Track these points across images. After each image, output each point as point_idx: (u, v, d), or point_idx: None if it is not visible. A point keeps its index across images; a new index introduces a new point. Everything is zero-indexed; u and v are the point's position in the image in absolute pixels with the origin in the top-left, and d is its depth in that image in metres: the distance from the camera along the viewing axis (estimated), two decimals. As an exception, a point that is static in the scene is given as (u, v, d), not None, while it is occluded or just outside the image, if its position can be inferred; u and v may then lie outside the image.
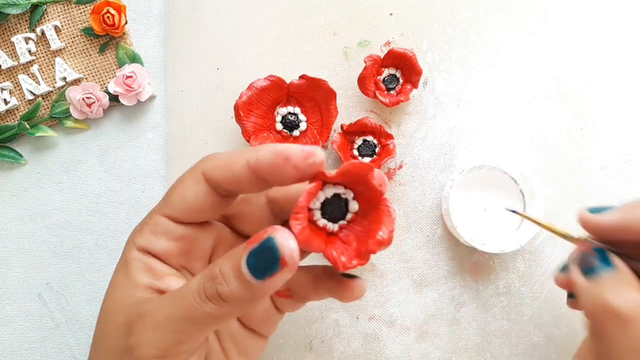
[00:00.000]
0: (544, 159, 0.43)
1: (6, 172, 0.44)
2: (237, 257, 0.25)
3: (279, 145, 0.26)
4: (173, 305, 0.25)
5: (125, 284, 0.28)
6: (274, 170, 0.26)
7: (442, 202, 0.42)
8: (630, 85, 0.43)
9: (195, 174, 0.28)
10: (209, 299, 0.25)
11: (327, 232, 0.27)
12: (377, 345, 0.42)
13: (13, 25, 0.43)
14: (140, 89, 0.43)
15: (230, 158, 0.27)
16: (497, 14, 0.43)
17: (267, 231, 0.24)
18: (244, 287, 0.24)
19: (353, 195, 0.28)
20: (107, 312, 0.28)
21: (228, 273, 0.25)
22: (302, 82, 0.41)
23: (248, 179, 0.26)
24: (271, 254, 0.24)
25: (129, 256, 0.28)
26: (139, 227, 0.29)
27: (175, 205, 0.28)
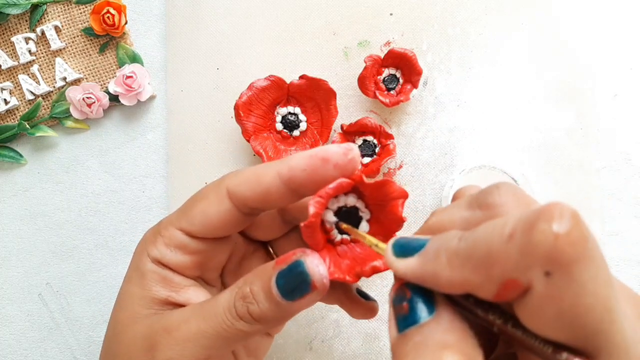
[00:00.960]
0: (544, 159, 0.43)
1: (6, 172, 0.44)
2: (267, 277, 0.25)
3: (309, 151, 0.26)
4: (203, 321, 0.26)
5: (141, 295, 0.28)
6: (311, 175, 0.25)
7: (442, 202, 0.42)
8: (630, 85, 0.43)
9: (220, 190, 0.27)
10: (240, 317, 0.25)
11: (329, 237, 0.27)
12: (377, 345, 0.42)
13: (13, 25, 0.43)
14: (140, 89, 0.43)
15: (257, 172, 0.27)
16: (497, 14, 0.43)
17: (296, 253, 0.25)
18: (274, 307, 0.25)
19: (369, 217, 0.27)
20: (123, 324, 0.28)
21: (258, 293, 0.25)
22: (302, 82, 0.41)
23: (278, 191, 0.26)
24: (301, 278, 0.24)
25: (143, 267, 0.28)
26: (152, 236, 0.28)
27: (195, 222, 0.27)
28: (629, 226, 0.43)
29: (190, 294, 0.28)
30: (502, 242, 0.18)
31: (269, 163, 0.27)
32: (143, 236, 0.29)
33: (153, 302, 0.28)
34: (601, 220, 0.42)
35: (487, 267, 0.19)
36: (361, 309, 0.29)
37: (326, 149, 0.25)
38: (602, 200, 0.43)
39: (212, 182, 0.28)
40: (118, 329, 0.28)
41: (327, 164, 0.25)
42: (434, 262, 0.21)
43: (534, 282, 0.18)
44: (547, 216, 0.18)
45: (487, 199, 0.22)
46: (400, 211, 0.26)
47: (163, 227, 0.28)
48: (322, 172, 0.25)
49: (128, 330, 0.27)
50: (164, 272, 0.28)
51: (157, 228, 0.29)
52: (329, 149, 0.25)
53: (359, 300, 0.29)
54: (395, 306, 0.22)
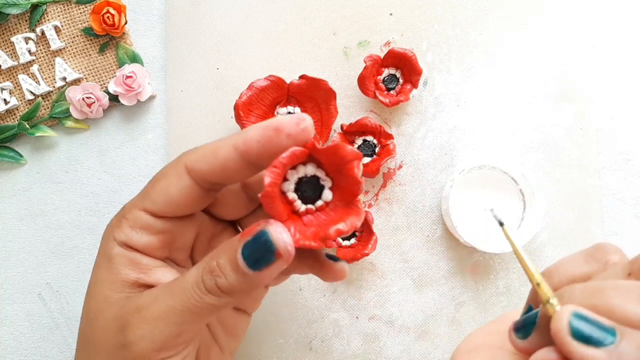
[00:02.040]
0: (544, 159, 0.43)
1: (6, 172, 0.44)
2: (233, 250, 0.25)
3: (265, 121, 0.26)
4: (172, 298, 0.26)
5: (111, 279, 0.28)
6: (266, 145, 0.25)
7: (442, 202, 0.42)
8: (630, 85, 0.43)
9: (178, 167, 0.27)
10: (209, 291, 0.25)
11: (293, 209, 0.27)
12: (377, 345, 0.42)
13: (13, 25, 0.43)
14: (140, 89, 0.43)
15: (213, 146, 0.27)
16: (497, 14, 0.43)
17: (261, 224, 0.25)
18: (241, 278, 0.25)
19: (331, 185, 0.27)
20: (94, 310, 0.28)
21: (225, 266, 0.25)
22: (302, 82, 0.41)
23: (235, 164, 0.26)
24: (266, 246, 0.24)
25: (110, 251, 0.28)
26: (116, 221, 0.28)
27: (157, 200, 0.28)
28: (629, 226, 0.43)
29: (159, 275, 0.28)
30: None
31: (225, 137, 0.27)
32: (108, 224, 0.29)
33: (123, 285, 0.28)
34: (601, 220, 0.42)
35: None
36: (331, 271, 0.29)
37: (279, 119, 0.25)
38: (602, 200, 0.43)
39: (172, 161, 0.28)
40: (90, 316, 0.28)
41: (280, 134, 0.25)
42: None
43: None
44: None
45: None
46: (357, 172, 0.26)
47: (127, 210, 0.28)
48: (276, 142, 0.25)
49: (100, 315, 0.27)
50: (132, 255, 0.28)
51: (122, 212, 0.29)
52: (282, 119, 0.25)
53: (329, 263, 0.29)
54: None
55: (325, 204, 0.27)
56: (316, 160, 0.27)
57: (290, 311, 0.42)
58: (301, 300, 0.42)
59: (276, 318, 0.42)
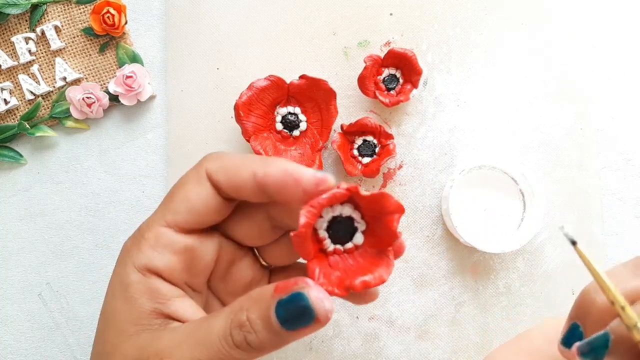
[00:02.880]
0: (544, 159, 0.43)
1: (6, 172, 0.44)
2: (266, 306, 0.24)
3: (290, 165, 0.25)
4: (196, 349, 0.25)
5: (127, 311, 0.26)
6: (282, 189, 0.25)
7: (442, 202, 0.42)
8: (630, 85, 0.43)
9: (199, 173, 0.27)
10: (237, 346, 0.24)
11: (321, 247, 0.27)
12: (377, 345, 0.42)
13: (13, 25, 0.43)
14: (140, 89, 0.43)
15: (237, 163, 0.26)
16: (497, 14, 0.43)
17: (298, 284, 0.24)
18: (273, 336, 0.24)
19: (364, 229, 0.27)
20: (111, 344, 0.27)
21: (256, 322, 0.24)
22: (302, 82, 0.41)
23: (251, 189, 0.26)
24: (304, 311, 0.23)
25: (127, 279, 0.27)
26: (135, 243, 0.27)
27: (179, 209, 0.27)
28: (629, 226, 0.43)
29: (177, 306, 0.27)
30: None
31: (250, 157, 0.27)
32: (123, 246, 0.28)
33: (140, 317, 0.26)
34: (601, 220, 0.42)
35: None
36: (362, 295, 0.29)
37: (302, 171, 0.25)
38: (602, 200, 0.43)
39: (191, 168, 0.28)
40: (107, 349, 0.27)
41: (297, 187, 0.25)
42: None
43: None
44: None
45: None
46: (395, 226, 0.26)
47: (145, 229, 0.27)
48: (291, 190, 0.25)
49: (117, 351, 0.26)
50: (150, 282, 0.27)
51: (139, 233, 0.28)
52: (305, 172, 0.25)
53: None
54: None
55: (355, 247, 0.27)
56: (355, 201, 0.27)
57: (290, 311, 0.42)
58: (301, 300, 0.42)
59: (276, 318, 0.42)
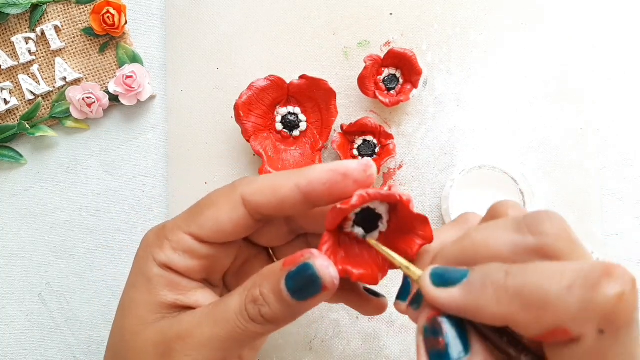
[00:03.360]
0: (544, 159, 0.43)
1: (6, 172, 0.44)
2: (276, 279, 0.25)
3: (331, 164, 0.26)
4: (215, 326, 0.26)
5: (148, 301, 0.28)
6: (331, 188, 0.26)
7: (442, 202, 0.42)
8: (630, 85, 0.43)
9: (233, 197, 0.28)
10: (253, 319, 0.26)
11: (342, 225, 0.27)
12: (377, 345, 0.42)
13: (13, 25, 0.43)
14: (140, 89, 0.43)
15: (274, 182, 0.27)
16: (497, 14, 0.43)
17: (304, 255, 0.25)
18: (285, 308, 0.26)
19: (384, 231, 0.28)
20: (130, 331, 0.28)
21: (269, 295, 0.26)
22: (302, 82, 0.41)
23: (294, 202, 0.27)
24: (311, 279, 0.25)
25: (149, 272, 0.28)
26: (157, 240, 0.28)
27: (205, 227, 0.28)
28: (629, 226, 0.43)
29: (197, 296, 0.29)
30: (560, 291, 0.20)
31: (285, 173, 0.27)
32: (144, 240, 0.29)
33: (161, 306, 0.28)
34: (601, 220, 0.42)
35: (539, 310, 0.20)
36: (370, 306, 0.30)
37: (346, 165, 0.26)
38: (602, 200, 0.43)
39: (223, 188, 0.28)
40: (127, 337, 0.28)
41: (347, 180, 0.26)
42: (480, 294, 0.21)
43: (585, 336, 0.19)
44: (611, 278, 0.19)
45: (539, 227, 0.22)
46: (415, 251, 0.27)
47: (169, 230, 0.28)
48: (342, 186, 0.26)
49: (138, 337, 0.27)
50: (171, 276, 0.28)
51: (162, 232, 0.28)
52: (349, 165, 0.26)
53: (368, 297, 0.30)
54: (427, 338, 0.23)
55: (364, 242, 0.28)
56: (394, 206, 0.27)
57: (290, 311, 0.42)
58: (301, 300, 0.42)
59: (276, 318, 0.42)
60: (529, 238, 0.22)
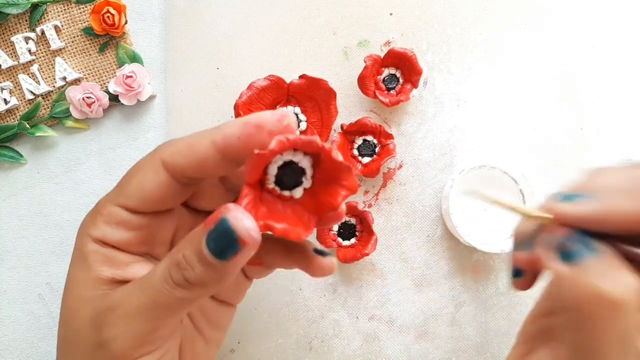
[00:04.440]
0: (544, 159, 0.43)
1: (6, 172, 0.44)
2: (197, 240, 0.24)
3: (245, 117, 0.25)
4: (142, 295, 0.25)
5: (85, 278, 0.27)
6: (246, 142, 0.25)
7: (442, 202, 0.42)
8: (630, 85, 0.43)
9: (154, 161, 0.26)
10: (177, 284, 0.25)
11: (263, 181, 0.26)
12: (377, 345, 0.42)
13: (13, 25, 0.43)
14: (140, 88, 0.43)
15: (191, 140, 0.26)
16: (497, 14, 0.43)
17: (221, 211, 0.24)
18: (209, 269, 0.24)
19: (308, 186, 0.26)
20: (71, 309, 0.27)
21: (191, 258, 0.24)
22: (302, 82, 0.41)
23: (214, 159, 0.25)
24: (228, 235, 0.23)
25: (84, 248, 0.27)
26: (90, 217, 0.28)
27: (132, 196, 0.27)
28: (629, 226, 0.43)
29: (136, 270, 0.28)
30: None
31: (202, 131, 0.26)
32: (83, 219, 0.28)
33: (98, 282, 0.27)
34: (601, 220, 0.42)
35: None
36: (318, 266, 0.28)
37: (260, 115, 0.25)
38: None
39: (146, 155, 0.27)
40: (67, 316, 0.27)
41: (261, 131, 0.24)
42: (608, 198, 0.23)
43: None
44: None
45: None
46: (338, 202, 0.25)
47: (101, 205, 0.27)
48: (256, 138, 0.24)
49: (76, 315, 0.27)
50: (107, 252, 0.27)
51: (96, 208, 0.28)
52: (263, 115, 0.25)
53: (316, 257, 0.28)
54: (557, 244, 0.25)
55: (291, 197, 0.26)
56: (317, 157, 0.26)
57: (290, 311, 0.42)
58: (301, 300, 0.42)
59: (276, 318, 0.42)
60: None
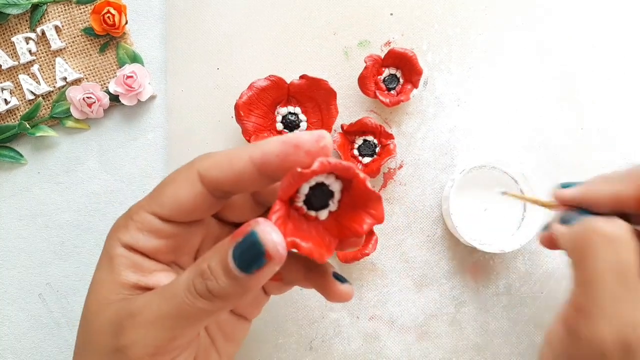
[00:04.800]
0: (544, 159, 0.43)
1: (6, 172, 0.44)
2: (224, 252, 0.24)
3: (284, 136, 0.25)
4: (164, 303, 0.25)
5: (110, 281, 0.27)
6: (284, 160, 0.25)
7: (442, 202, 0.42)
8: (630, 85, 0.43)
9: (190, 173, 0.27)
10: (200, 295, 0.24)
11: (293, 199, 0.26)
12: (377, 345, 0.42)
13: (13, 25, 0.43)
14: (140, 89, 0.43)
15: (229, 155, 0.26)
16: (497, 14, 0.43)
17: (250, 224, 0.24)
18: (233, 282, 0.24)
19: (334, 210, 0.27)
20: (92, 311, 0.27)
21: (216, 269, 0.24)
22: (302, 82, 0.41)
23: (251, 175, 0.26)
24: (255, 248, 0.23)
25: (112, 252, 0.27)
26: (123, 221, 0.28)
27: (166, 205, 0.27)
28: (629, 226, 0.43)
29: (160, 278, 0.28)
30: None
31: (241, 147, 0.26)
32: (114, 224, 0.29)
33: (122, 287, 0.27)
34: (601, 220, 0.42)
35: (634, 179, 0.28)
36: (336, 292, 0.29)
37: (298, 135, 0.25)
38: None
39: (182, 166, 0.28)
40: (88, 317, 0.28)
41: (299, 151, 0.25)
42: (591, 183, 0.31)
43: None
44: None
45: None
46: (362, 230, 0.26)
47: (134, 212, 0.28)
48: (294, 158, 0.25)
49: (97, 317, 0.27)
50: (135, 257, 0.27)
51: (128, 213, 0.28)
52: (302, 135, 0.25)
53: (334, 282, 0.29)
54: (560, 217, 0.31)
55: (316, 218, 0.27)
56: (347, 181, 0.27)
57: (290, 311, 0.42)
58: (301, 300, 0.42)
59: (276, 318, 0.42)
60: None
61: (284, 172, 0.25)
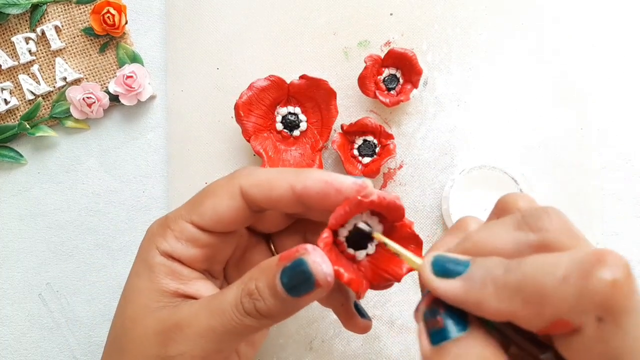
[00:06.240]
0: (544, 159, 0.43)
1: (6, 172, 0.44)
2: (271, 274, 0.26)
3: (328, 175, 0.27)
4: (212, 318, 0.26)
5: (150, 288, 0.28)
6: (322, 199, 0.26)
7: (442, 202, 0.42)
8: (630, 85, 0.43)
9: (232, 187, 0.28)
10: (248, 313, 0.26)
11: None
12: (377, 345, 0.42)
13: (13, 25, 0.43)
14: (140, 89, 0.43)
15: (271, 178, 0.27)
16: (497, 14, 0.43)
17: (299, 251, 0.25)
18: (280, 303, 0.26)
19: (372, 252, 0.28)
20: (131, 319, 0.28)
21: (264, 290, 0.26)
22: (302, 82, 0.41)
23: (288, 201, 0.27)
24: (304, 276, 0.25)
25: (152, 260, 0.28)
26: (161, 230, 0.29)
27: (206, 216, 0.28)
28: (629, 226, 0.43)
29: (198, 286, 0.29)
30: (555, 283, 0.20)
31: (284, 171, 0.28)
32: (149, 230, 0.30)
33: (163, 294, 0.28)
34: (601, 220, 0.42)
35: (539, 304, 0.20)
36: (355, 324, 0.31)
37: (342, 180, 0.26)
38: (602, 200, 0.43)
39: (223, 178, 0.29)
40: (127, 325, 0.28)
41: (339, 195, 0.26)
42: (480, 290, 0.21)
43: (585, 325, 0.19)
44: (604, 265, 0.19)
45: (538, 223, 0.23)
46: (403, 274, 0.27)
47: (172, 220, 0.29)
48: (333, 199, 0.26)
49: (138, 324, 0.28)
50: (173, 265, 0.28)
51: (165, 222, 0.29)
52: (345, 181, 0.26)
53: (355, 315, 0.31)
54: (427, 320, 0.23)
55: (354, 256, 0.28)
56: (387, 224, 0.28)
57: (290, 311, 0.42)
58: (301, 300, 0.42)
59: (276, 318, 0.42)
60: (530, 235, 0.22)
61: (322, 208, 0.27)
